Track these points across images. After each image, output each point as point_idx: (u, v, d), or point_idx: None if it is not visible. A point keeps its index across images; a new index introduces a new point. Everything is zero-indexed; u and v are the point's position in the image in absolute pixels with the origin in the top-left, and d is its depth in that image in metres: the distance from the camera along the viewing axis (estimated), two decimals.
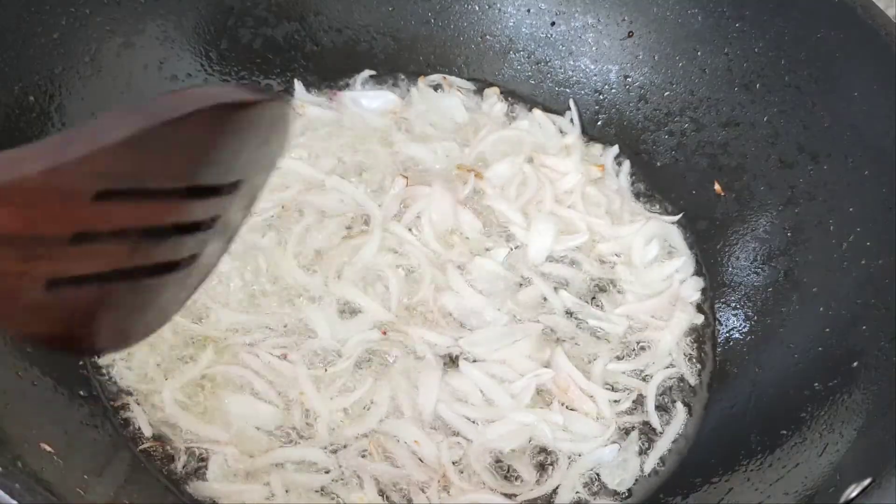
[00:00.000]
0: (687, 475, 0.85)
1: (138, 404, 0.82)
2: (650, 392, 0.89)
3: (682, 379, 0.92)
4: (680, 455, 0.88)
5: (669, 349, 0.93)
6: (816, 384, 0.81)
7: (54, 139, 0.38)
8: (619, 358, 0.91)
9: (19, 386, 0.75)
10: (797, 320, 0.89)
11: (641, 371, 0.91)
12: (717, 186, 1.01)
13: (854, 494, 0.63)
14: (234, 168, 0.47)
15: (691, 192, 1.03)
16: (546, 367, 0.88)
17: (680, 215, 1.03)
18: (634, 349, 0.93)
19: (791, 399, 0.82)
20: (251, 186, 0.49)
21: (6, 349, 0.77)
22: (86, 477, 0.69)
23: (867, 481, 0.63)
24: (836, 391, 0.78)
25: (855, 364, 0.79)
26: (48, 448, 0.67)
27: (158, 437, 0.80)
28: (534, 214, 0.99)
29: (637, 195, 1.06)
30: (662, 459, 0.87)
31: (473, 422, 0.84)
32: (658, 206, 1.05)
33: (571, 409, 0.87)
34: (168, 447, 0.80)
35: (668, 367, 0.92)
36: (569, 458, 0.84)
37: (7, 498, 0.54)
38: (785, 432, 0.80)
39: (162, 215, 0.42)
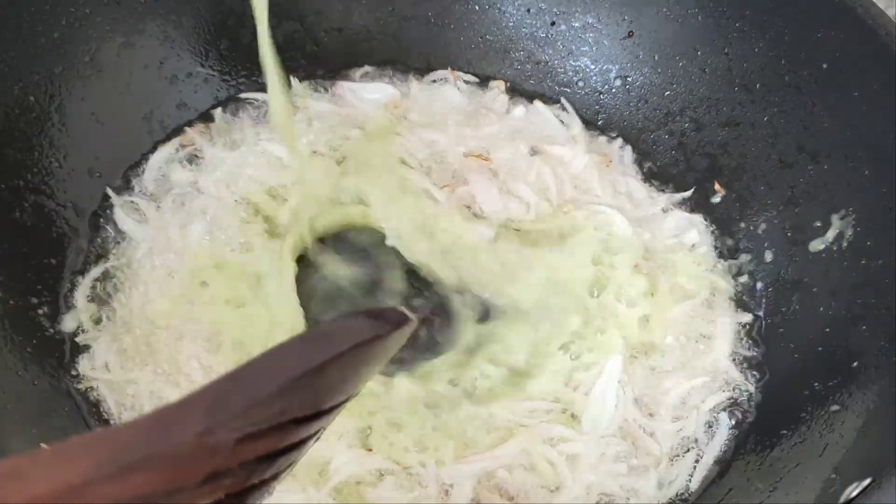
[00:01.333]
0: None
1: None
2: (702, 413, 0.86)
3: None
4: None
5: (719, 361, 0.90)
6: (816, 384, 0.81)
7: (207, 394, 0.39)
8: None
9: (19, 386, 0.75)
10: (797, 320, 0.89)
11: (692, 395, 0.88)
12: (717, 186, 1.01)
13: (854, 494, 0.63)
14: (356, 386, 0.49)
15: (691, 192, 1.03)
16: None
17: (692, 190, 1.02)
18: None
19: (791, 399, 0.82)
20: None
21: (6, 349, 0.77)
22: None
23: (867, 481, 0.63)
24: (836, 391, 0.78)
25: (855, 364, 0.79)
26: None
27: None
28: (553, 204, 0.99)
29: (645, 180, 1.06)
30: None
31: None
32: (666, 190, 1.05)
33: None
34: None
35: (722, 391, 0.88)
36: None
37: None
38: (785, 432, 0.80)
39: (285, 440, 0.43)
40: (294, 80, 1.08)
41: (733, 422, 0.87)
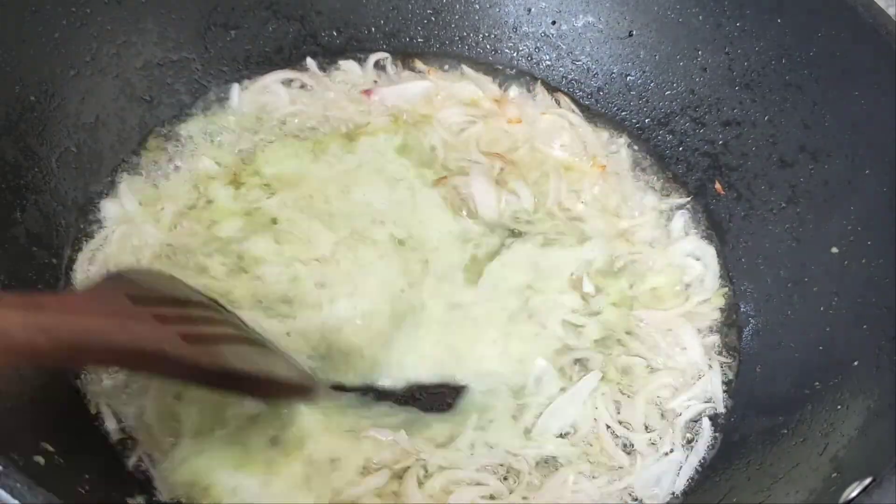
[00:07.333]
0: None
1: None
2: (678, 424, 0.87)
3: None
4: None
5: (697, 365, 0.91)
6: (816, 383, 0.81)
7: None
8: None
9: (20, 385, 0.75)
10: (797, 320, 0.89)
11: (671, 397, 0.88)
12: (717, 186, 1.01)
13: (854, 494, 0.63)
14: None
15: (692, 192, 1.03)
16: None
17: (690, 198, 1.02)
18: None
19: (791, 398, 0.82)
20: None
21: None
22: (87, 476, 0.69)
23: (867, 480, 0.63)
24: (837, 391, 0.78)
25: (855, 364, 0.79)
26: (49, 447, 0.67)
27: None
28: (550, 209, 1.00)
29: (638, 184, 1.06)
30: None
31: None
32: (664, 190, 1.05)
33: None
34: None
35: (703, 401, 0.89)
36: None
37: (8, 497, 0.54)
38: (785, 432, 0.80)
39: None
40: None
41: (713, 430, 0.86)
